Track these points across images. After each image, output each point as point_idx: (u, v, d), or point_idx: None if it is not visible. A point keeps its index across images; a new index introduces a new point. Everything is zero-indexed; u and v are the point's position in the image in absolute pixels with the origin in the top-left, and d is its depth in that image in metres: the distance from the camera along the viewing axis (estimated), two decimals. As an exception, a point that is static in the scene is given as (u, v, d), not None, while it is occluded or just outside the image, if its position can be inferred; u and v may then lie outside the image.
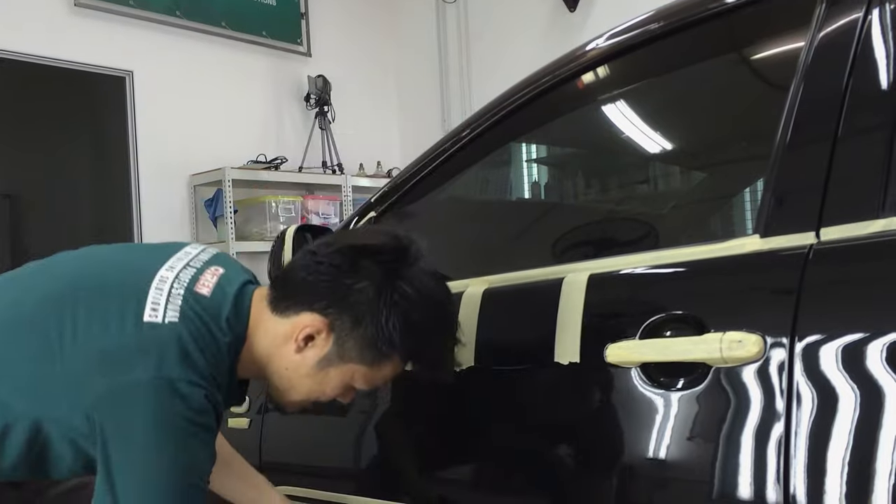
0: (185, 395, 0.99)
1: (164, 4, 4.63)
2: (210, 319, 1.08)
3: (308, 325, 1.08)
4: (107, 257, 1.20)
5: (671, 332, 0.99)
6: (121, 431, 0.99)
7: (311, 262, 1.10)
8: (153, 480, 0.98)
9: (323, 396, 1.15)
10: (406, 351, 1.09)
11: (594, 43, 1.31)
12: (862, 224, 0.87)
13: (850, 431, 0.83)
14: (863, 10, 0.97)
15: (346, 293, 1.07)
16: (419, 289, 1.08)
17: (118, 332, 1.03)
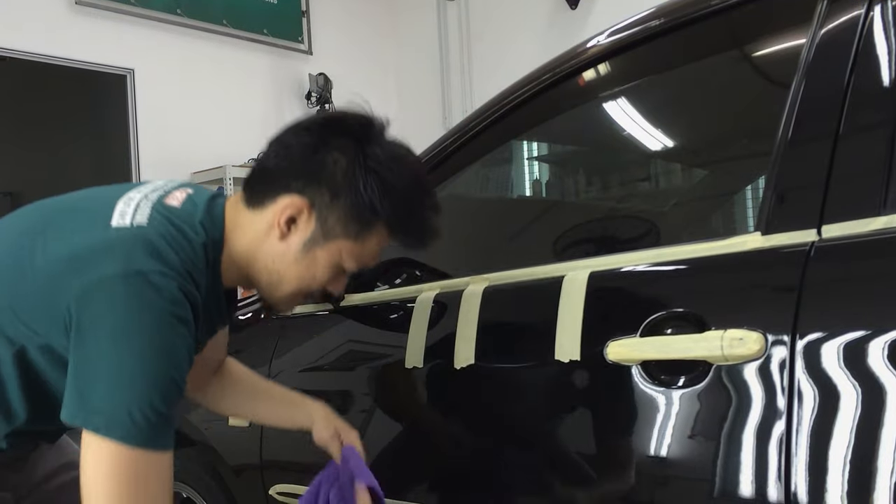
0: (157, 285, 0.97)
1: (164, 2, 4.63)
2: (181, 222, 1.07)
3: (288, 207, 1.07)
4: (77, 193, 1.19)
5: (672, 329, 0.98)
6: (92, 323, 0.96)
7: (279, 149, 1.10)
8: (124, 369, 0.94)
9: (314, 283, 1.12)
10: (387, 215, 1.08)
11: (595, 40, 1.31)
12: (863, 221, 0.87)
13: (852, 429, 0.83)
14: (864, 7, 0.97)
15: (320, 168, 1.07)
16: (390, 153, 1.09)
17: (86, 237, 1.02)
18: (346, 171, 1.06)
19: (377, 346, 1.44)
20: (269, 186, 1.10)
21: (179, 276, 1.00)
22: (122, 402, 0.94)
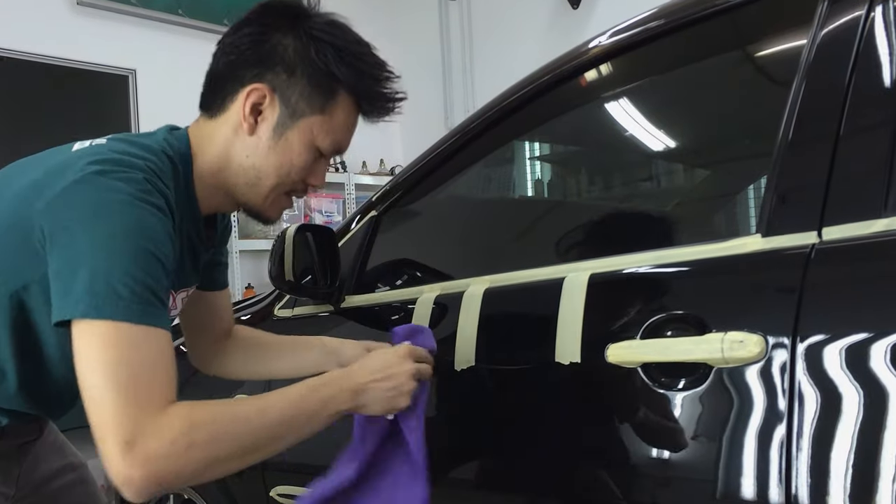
0: (121, 178, 0.95)
1: (166, 3, 4.63)
2: (142, 139, 1.08)
3: (249, 94, 1.08)
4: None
5: (672, 331, 0.98)
6: (62, 226, 0.93)
7: (224, 48, 1.11)
8: (99, 250, 0.90)
9: (293, 170, 1.11)
10: (349, 79, 1.09)
11: (596, 41, 1.31)
12: (864, 224, 0.86)
13: (853, 432, 0.82)
14: (865, 8, 0.97)
15: (270, 51, 1.08)
16: (328, 20, 1.11)
17: (45, 166, 1.02)
18: (294, 46, 1.08)
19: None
20: (226, 87, 1.11)
21: (143, 172, 0.99)
22: (103, 281, 0.89)
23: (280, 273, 1.43)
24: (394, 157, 5.31)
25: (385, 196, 1.52)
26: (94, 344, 0.89)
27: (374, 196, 1.55)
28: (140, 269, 0.91)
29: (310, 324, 1.55)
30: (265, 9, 1.12)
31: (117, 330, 0.89)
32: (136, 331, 0.89)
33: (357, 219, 1.55)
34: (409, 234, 1.60)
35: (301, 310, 1.57)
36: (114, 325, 0.89)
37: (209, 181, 1.13)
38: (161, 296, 0.94)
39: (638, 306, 1.05)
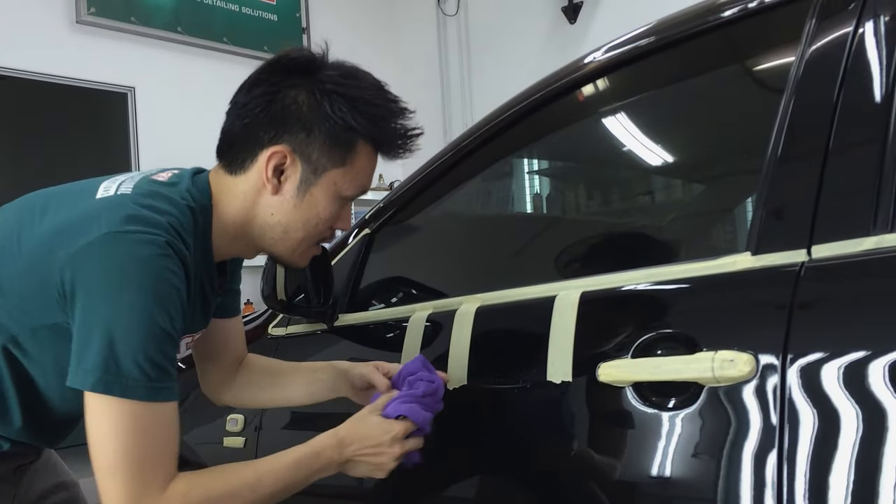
0: (143, 241, 0.97)
1: (165, 21, 4.66)
2: (166, 190, 1.08)
3: (270, 159, 1.08)
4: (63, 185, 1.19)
5: (663, 350, 0.98)
6: (82, 286, 0.95)
7: (239, 111, 1.10)
8: (117, 323, 0.94)
9: (321, 223, 1.12)
10: (366, 128, 1.09)
11: (591, 56, 1.31)
12: (853, 241, 0.86)
13: (844, 451, 0.82)
14: (853, 25, 0.97)
15: (283, 111, 1.07)
16: (341, 70, 1.10)
17: (70, 212, 1.03)
18: (309, 104, 1.07)
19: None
20: (244, 148, 1.10)
21: (166, 232, 1.00)
22: (117, 357, 0.93)
23: (272, 292, 1.43)
24: (393, 173, 5.32)
25: (378, 213, 1.52)
26: (105, 417, 0.95)
27: (367, 213, 1.55)
28: (153, 348, 0.95)
29: (303, 342, 1.54)
30: (274, 66, 1.11)
31: (127, 407, 0.94)
32: (144, 409, 0.95)
33: (353, 234, 1.54)
34: (403, 252, 1.59)
35: (295, 328, 1.57)
36: (124, 402, 0.94)
37: (231, 232, 1.14)
38: (170, 370, 0.98)
39: (629, 324, 1.04)
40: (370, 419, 1.11)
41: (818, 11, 1.01)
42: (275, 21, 5.26)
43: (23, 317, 1.03)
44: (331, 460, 1.08)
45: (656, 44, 1.22)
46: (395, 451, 1.09)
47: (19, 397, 1.08)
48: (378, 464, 1.09)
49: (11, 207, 1.15)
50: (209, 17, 4.88)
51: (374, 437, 1.09)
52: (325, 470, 1.08)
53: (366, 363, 1.27)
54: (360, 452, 1.09)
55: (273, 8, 5.25)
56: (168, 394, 0.98)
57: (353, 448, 1.09)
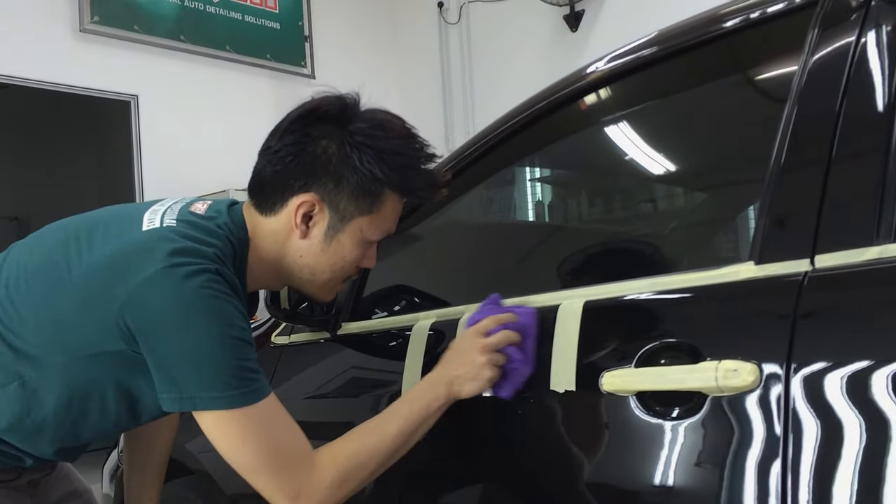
0: (196, 272, 1.03)
1: (168, 28, 4.68)
2: (207, 222, 1.12)
3: (299, 207, 1.13)
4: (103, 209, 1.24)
5: (667, 360, 0.98)
6: (153, 322, 1.02)
7: (270, 157, 1.14)
8: (200, 352, 1.01)
9: (347, 266, 1.18)
10: (393, 178, 1.12)
11: (594, 66, 1.31)
12: (856, 251, 0.86)
13: (848, 461, 0.81)
14: (856, 34, 0.97)
15: (313, 161, 1.12)
16: (372, 121, 1.14)
17: (120, 243, 1.08)
18: (338, 154, 1.11)
19: (374, 376, 1.43)
20: (275, 193, 1.14)
21: (213, 262, 1.06)
22: (214, 378, 1.02)
23: (276, 301, 1.43)
24: (395, 180, 5.32)
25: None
26: (227, 430, 1.04)
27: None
28: (238, 357, 1.03)
29: (307, 351, 1.54)
30: (307, 116, 1.14)
31: (242, 416, 1.03)
32: (255, 409, 1.04)
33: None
34: (406, 261, 1.59)
35: (298, 337, 1.57)
36: (236, 412, 1.02)
37: (266, 267, 1.19)
38: (258, 368, 1.07)
39: (632, 334, 1.04)
40: (451, 348, 1.17)
41: (821, 21, 1.01)
42: (277, 29, 5.28)
43: (82, 343, 1.07)
44: (436, 392, 1.13)
45: (659, 53, 1.22)
46: (477, 348, 1.11)
47: (59, 417, 1.11)
48: (472, 370, 1.12)
49: (51, 234, 1.18)
50: (212, 26, 4.90)
51: (456, 351, 1.14)
52: (437, 397, 1.13)
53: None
54: (455, 373, 1.12)
55: (275, 16, 5.27)
56: (265, 388, 1.06)
57: (448, 371, 1.13)
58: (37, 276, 1.10)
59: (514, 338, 1.13)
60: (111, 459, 1.96)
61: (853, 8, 0.99)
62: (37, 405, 1.09)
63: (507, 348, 1.12)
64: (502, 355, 1.12)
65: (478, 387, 1.12)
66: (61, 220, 1.21)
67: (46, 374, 1.08)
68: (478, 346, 1.12)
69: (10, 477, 1.16)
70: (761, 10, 1.11)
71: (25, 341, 1.08)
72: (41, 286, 1.09)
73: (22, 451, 1.13)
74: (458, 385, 1.13)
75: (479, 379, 1.12)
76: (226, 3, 4.96)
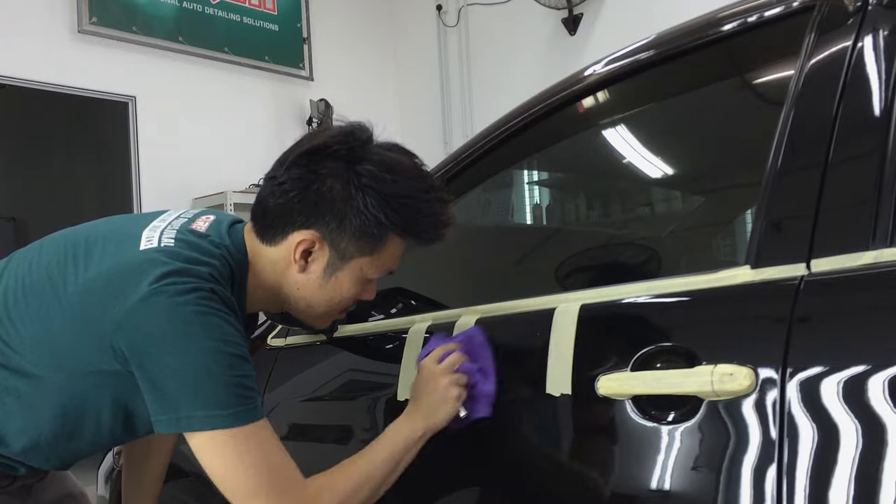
0: (190, 290, 1.01)
1: (166, 30, 4.68)
2: (206, 243, 1.11)
3: (300, 243, 1.11)
4: (100, 222, 1.23)
5: (663, 363, 0.97)
6: (146, 343, 1.00)
7: (274, 188, 1.12)
8: (196, 369, 0.99)
9: (345, 301, 1.18)
10: (397, 223, 1.11)
11: (591, 69, 1.31)
12: (852, 256, 0.86)
13: (844, 466, 0.81)
14: (852, 39, 0.97)
15: (317, 199, 1.09)
16: (381, 163, 1.10)
17: (116, 263, 1.06)
18: (343, 196, 1.09)
19: (370, 378, 1.43)
20: (276, 225, 1.13)
21: (209, 282, 1.04)
22: (210, 396, 0.99)
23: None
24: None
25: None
26: (222, 451, 1.01)
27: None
28: (234, 374, 1.01)
29: (302, 353, 1.54)
30: (315, 153, 1.11)
31: (238, 435, 1.00)
32: (253, 429, 1.02)
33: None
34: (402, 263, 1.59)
35: (294, 339, 1.57)
36: (233, 431, 1.00)
37: (264, 292, 1.18)
38: (255, 387, 1.05)
39: (628, 337, 1.04)
40: (415, 383, 1.18)
41: (817, 25, 1.01)
42: (276, 31, 5.28)
43: (77, 361, 1.06)
44: (414, 421, 1.14)
45: (656, 57, 1.22)
46: (444, 380, 1.13)
47: (55, 431, 1.11)
48: (443, 397, 1.13)
49: (50, 247, 1.16)
50: (210, 27, 4.90)
51: (421, 384, 1.15)
52: (415, 430, 1.13)
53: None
54: (424, 400, 1.14)
55: (274, 18, 5.27)
56: (261, 410, 1.04)
57: (419, 402, 1.14)
58: (34, 293, 1.09)
59: (463, 358, 1.15)
60: (106, 461, 1.95)
61: (850, 12, 0.99)
62: (32, 420, 1.09)
63: (462, 366, 1.15)
64: (461, 374, 1.14)
65: (449, 409, 1.14)
66: (62, 231, 1.20)
67: (42, 390, 1.08)
68: (435, 373, 1.14)
69: (4, 483, 1.16)
70: (758, 14, 1.11)
71: (22, 357, 1.07)
72: (37, 303, 1.08)
73: (16, 461, 1.13)
74: (432, 415, 1.14)
75: (447, 400, 1.13)
76: (224, 5, 4.96)
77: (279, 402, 1.51)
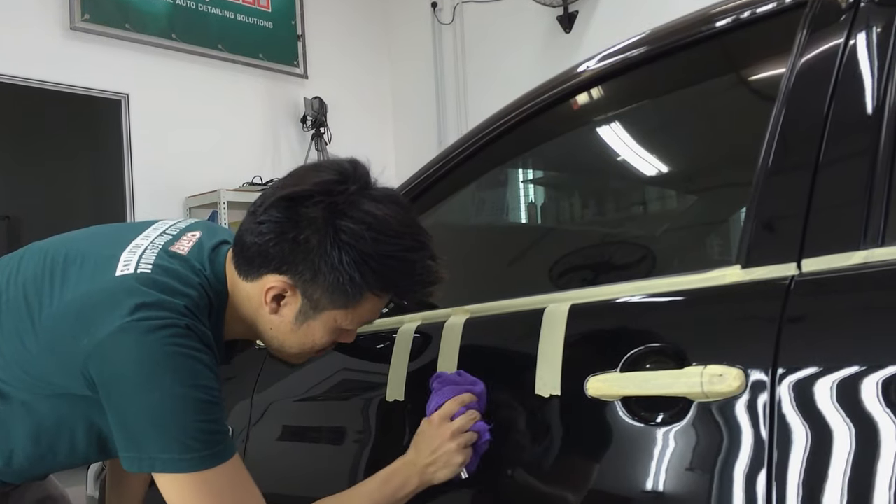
0: (164, 326, 0.99)
1: (159, 27, 4.65)
2: (185, 269, 1.08)
3: (272, 287, 1.08)
4: (84, 234, 1.20)
5: (652, 364, 0.96)
6: (115, 378, 0.99)
7: (253, 225, 1.08)
8: (161, 412, 0.98)
9: (317, 346, 1.15)
10: (373, 284, 1.06)
11: (584, 65, 1.30)
12: (843, 255, 0.85)
13: (835, 467, 0.80)
14: (844, 36, 0.96)
15: (293, 248, 1.05)
16: (363, 220, 1.03)
17: (90, 288, 1.04)
18: (319, 249, 1.04)
19: (359, 377, 1.42)
20: (251, 265, 1.09)
21: (184, 316, 1.01)
22: (174, 440, 0.98)
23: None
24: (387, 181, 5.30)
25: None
26: (183, 493, 1.00)
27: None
28: (202, 419, 0.99)
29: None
30: (296, 199, 1.05)
31: (199, 480, 0.99)
32: (215, 474, 1.00)
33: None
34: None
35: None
36: (194, 475, 0.99)
37: (241, 324, 1.16)
38: (224, 429, 1.03)
39: (617, 338, 1.03)
40: (422, 426, 1.14)
41: (809, 23, 1.00)
42: (270, 28, 5.26)
43: (45, 385, 1.05)
44: (408, 475, 1.11)
45: (649, 54, 1.21)
46: (452, 444, 1.09)
47: (23, 458, 1.10)
48: (446, 460, 1.10)
49: (29, 262, 1.13)
50: (204, 24, 4.88)
51: (428, 436, 1.11)
52: (407, 485, 1.11)
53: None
54: (429, 460, 1.11)
55: (268, 15, 5.25)
56: (229, 451, 1.02)
57: (422, 457, 1.11)
58: (9, 312, 1.07)
59: (477, 415, 1.12)
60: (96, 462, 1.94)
61: (842, 9, 0.98)
62: (4, 438, 1.08)
63: (476, 425, 1.11)
64: (471, 434, 1.11)
65: (449, 473, 1.11)
66: (43, 242, 1.17)
67: (15, 409, 1.07)
68: (446, 433, 1.10)
69: None
70: (751, 10, 1.10)
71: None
72: (11, 323, 1.06)
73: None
74: (430, 474, 1.11)
75: (450, 465, 1.10)
76: (218, 2, 4.94)
77: (268, 402, 1.50)
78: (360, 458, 1.33)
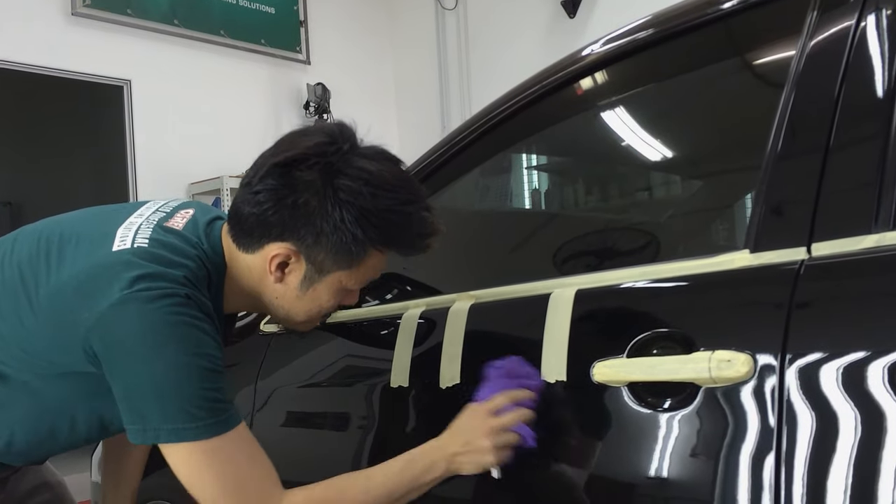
0: (164, 296, 0.99)
1: (162, 13, 4.63)
2: (181, 242, 1.08)
3: (276, 256, 1.08)
4: (80, 214, 1.20)
5: (659, 350, 0.96)
6: (118, 349, 0.99)
7: (249, 196, 1.07)
8: (165, 381, 0.98)
9: (323, 310, 1.15)
10: (376, 238, 1.06)
11: (589, 49, 1.29)
12: (854, 239, 0.84)
13: (843, 453, 0.80)
14: (855, 18, 0.95)
15: (292, 213, 1.05)
16: (359, 177, 1.04)
17: (88, 263, 1.04)
18: (319, 210, 1.04)
19: (363, 364, 1.41)
20: (252, 234, 1.09)
21: (184, 286, 1.01)
22: (179, 409, 0.98)
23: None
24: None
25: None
26: (189, 462, 1.00)
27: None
28: (206, 388, 0.99)
29: (294, 338, 1.52)
30: (290, 164, 1.05)
31: (205, 446, 0.99)
32: (220, 442, 1.00)
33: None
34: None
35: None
36: (200, 444, 0.99)
37: (243, 297, 1.16)
38: (227, 397, 1.03)
39: (624, 323, 1.03)
40: (465, 412, 1.10)
41: (820, 4, 0.99)
42: (272, 14, 5.23)
43: (47, 364, 1.05)
44: (434, 460, 1.08)
45: (654, 36, 1.19)
46: (487, 441, 1.04)
47: (23, 440, 1.10)
48: (476, 459, 1.06)
49: (24, 242, 1.13)
50: (206, 10, 4.85)
51: (466, 426, 1.08)
52: (433, 469, 1.08)
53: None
54: (461, 450, 1.07)
55: (271, 1, 5.22)
56: (233, 419, 1.02)
57: (454, 444, 1.08)
58: (5, 292, 1.07)
59: (528, 416, 1.06)
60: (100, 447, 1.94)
61: (853, -10, 0.96)
62: (4, 421, 1.08)
63: (520, 428, 1.05)
64: (511, 435, 1.05)
65: (475, 469, 1.07)
66: (37, 224, 1.17)
67: (15, 390, 1.06)
68: (485, 428, 1.05)
69: None
70: (759, -9, 1.08)
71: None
72: (8, 304, 1.06)
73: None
74: (457, 464, 1.08)
75: (479, 463, 1.06)
76: (220, -12, 4.91)
77: (272, 388, 1.49)
78: (363, 444, 1.33)
